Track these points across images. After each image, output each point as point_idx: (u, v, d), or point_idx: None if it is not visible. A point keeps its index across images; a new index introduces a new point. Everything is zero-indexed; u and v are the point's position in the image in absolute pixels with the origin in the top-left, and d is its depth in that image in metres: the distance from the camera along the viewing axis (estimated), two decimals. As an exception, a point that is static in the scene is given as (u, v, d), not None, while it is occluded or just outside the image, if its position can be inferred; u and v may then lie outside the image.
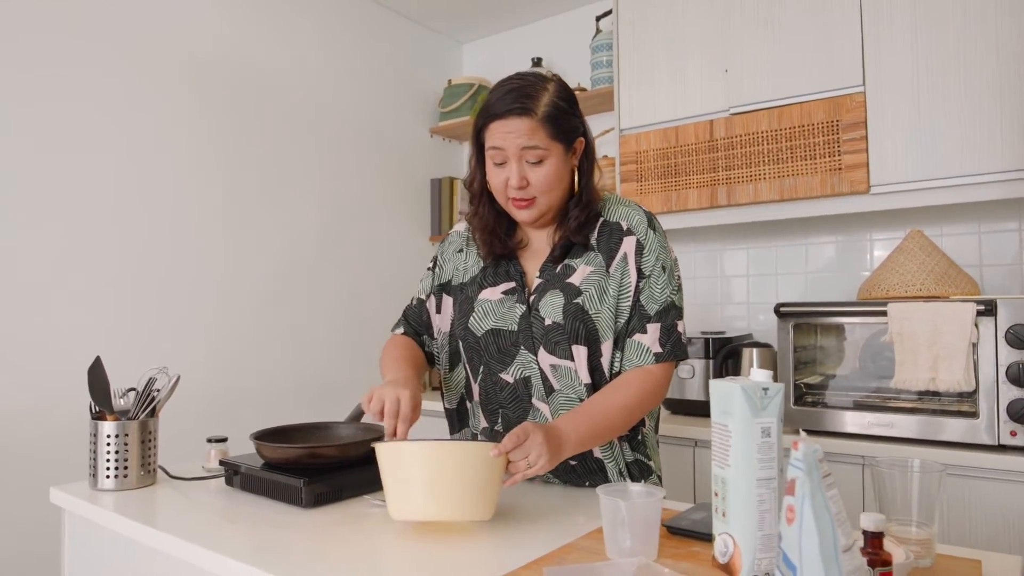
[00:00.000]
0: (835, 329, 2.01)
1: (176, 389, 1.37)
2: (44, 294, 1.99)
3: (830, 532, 0.52)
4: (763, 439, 0.79)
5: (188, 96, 2.32)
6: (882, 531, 0.71)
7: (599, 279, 1.22)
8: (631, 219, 1.25)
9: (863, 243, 2.34)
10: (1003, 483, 1.61)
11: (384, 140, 2.99)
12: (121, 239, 2.15)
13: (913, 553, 0.83)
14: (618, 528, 0.86)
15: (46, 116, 2.00)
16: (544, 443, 1.00)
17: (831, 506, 0.53)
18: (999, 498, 1.62)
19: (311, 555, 0.92)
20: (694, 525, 0.96)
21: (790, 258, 2.47)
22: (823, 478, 0.55)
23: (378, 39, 2.98)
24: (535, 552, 0.90)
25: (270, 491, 1.20)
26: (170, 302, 2.27)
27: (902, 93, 1.95)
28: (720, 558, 0.82)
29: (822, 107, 2.06)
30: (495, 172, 1.20)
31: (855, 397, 1.91)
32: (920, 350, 1.72)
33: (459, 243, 1.38)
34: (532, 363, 1.22)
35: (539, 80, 1.20)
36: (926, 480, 0.87)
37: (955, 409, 1.74)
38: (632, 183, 2.42)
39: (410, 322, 1.40)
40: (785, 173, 2.12)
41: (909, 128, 1.94)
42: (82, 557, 1.28)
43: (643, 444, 1.28)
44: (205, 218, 2.37)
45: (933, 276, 1.84)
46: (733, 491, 0.80)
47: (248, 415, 2.38)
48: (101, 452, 1.28)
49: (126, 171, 2.17)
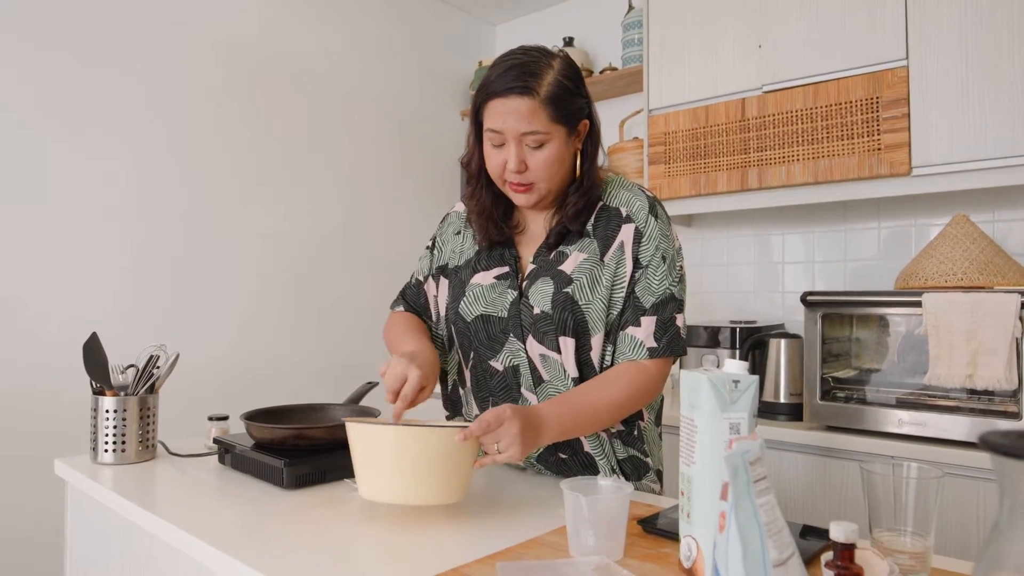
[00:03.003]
0: (870, 321, 1.89)
1: (195, 369, 1.40)
2: (63, 275, 2.05)
3: (758, 544, 0.46)
4: (732, 436, 0.73)
5: (217, 81, 2.35)
6: (853, 543, 0.64)
7: (592, 267, 1.15)
8: (632, 205, 1.18)
9: (908, 229, 2.19)
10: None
11: (413, 123, 2.97)
12: (141, 223, 2.20)
13: (903, 567, 0.75)
14: (580, 525, 0.82)
15: (74, 98, 2.05)
16: (519, 433, 0.96)
17: (762, 515, 0.47)
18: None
19: (282, 539, 0.91)
20: (669, 524, 0.90)
21: (829, 245, 2.34)
22: (754, 483, 0.49)
23: (409, 21, 2.95)
24: (498, 544, 0.87)
25: (257, 471, 1.20)
26: (199, 286, 2.31)
27: (948, 67, 1.81)
28: (685, 562, 0.76)
29: (861, 83, 1.93)
30: (493, 154, 1.14)
31: (888, 393, 1.79)
32: (957, 344, 1.59)
33: (457, 224, 1.33)
34: (520, 351, 1.17)
35: (543, 56, 1.12)
36: (922, 486, 0.79)
37: (997, 409, 1.61)
38: (660, 165, 2.33)
39: (408, 301, 1.36)
40: (820, 154, 2.00)
41: (955, 105, 1.80)
42: (82, 528, 1.31)
43: (640, 439, 1.22)
44: (233, 203, 2.40)
45: (977, 265, 1.70)
46: (698, 491, 0.74)
47: (274, 398, 2.41)
48: (101, 426, 1.30)
49: (155, 156, 2.21)
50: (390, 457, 0.92)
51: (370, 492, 0.95)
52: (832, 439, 1.77)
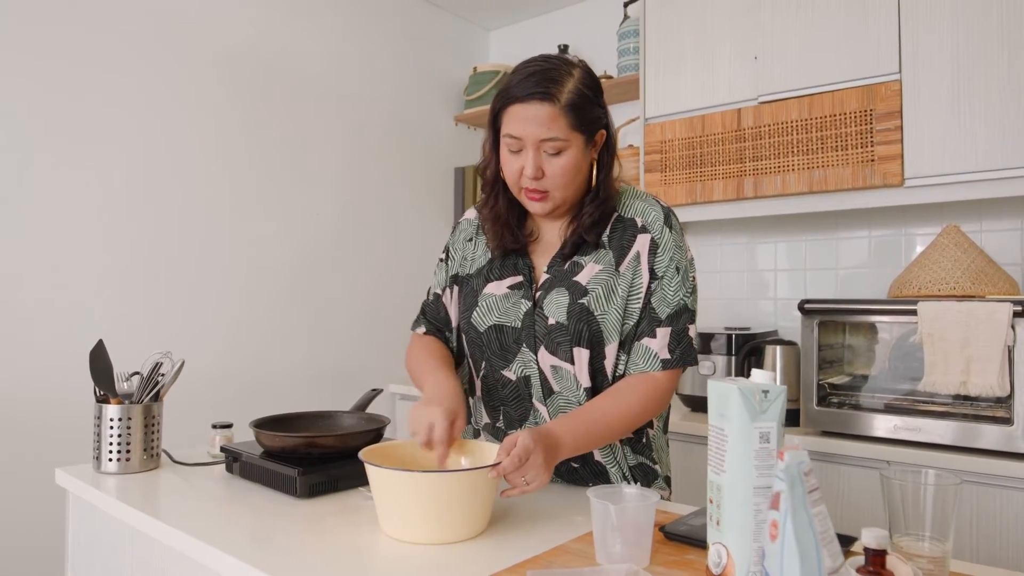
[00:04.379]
0: (863, 328, 1.93)
1: (196, 376, 1.37)
2: (65, 281, 2.02)
3: (813, 553, 0.47)
4: (761, 445, 0.74)
5: (212, 84, 2.33)
6: (885, 548, 0.66)
7: (608, 278, 1.16)
8: (647, 215, 1.19)
9: (898, 239, 2.24)
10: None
11: (408, 128, 2.97)
12: (142, 228, 2.17)
13: (923, 571, 0.77)
14: (608, 533, 0.82)
15: (70, 102, 2.02)
16: (543, 464, 0.97)
17: (816, 524, 0.48)
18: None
19: (300, 548, 0.90)
20: (692, 531, 0.91)
21: (821, 253, 2.38)
22: (808, 493, 0.50)
23: (403, 26, 2.95)
24: (525, 553, 0.87)
25: (267, 480, 1.19)
26: (193, 290, 2.28)
27: (940, 81, 1.85)
28: (713, 568, 0.77)
29: (855, 95, 1.97)
30: (510, 160, 1.14)
31: (882, 399, 1.83)
32: (951, 352, 1.63)
33: (469, 231, 1.32)
34: (532, 362, 1.17)
35: (564, 64, 1.13)
36: (941, 492, 0.81)
37: (989, 415, 1.65)
38: (656, 173, 2.36)
39: (430, 319, 1.33)
40: (815, 164, 2.04)
41: (947, 117, 1.84)
42: (85, 538, 1.29)
43: (648, 447, 1.24)
44: (225, 207, 2.37)
45: (969, 274, 1.75)
46: (728, 499, 0.75)
47: (268, 403, 2.39)
48: (104, 435, 1.29)
49: (151, 159, 2.19)
50: (417, 502, 0.91)
51: (395, 532, 0.94)
52: (828, 444, 1.80)
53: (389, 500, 0.93)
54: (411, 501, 0.91)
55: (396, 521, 0.93)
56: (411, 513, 0.92)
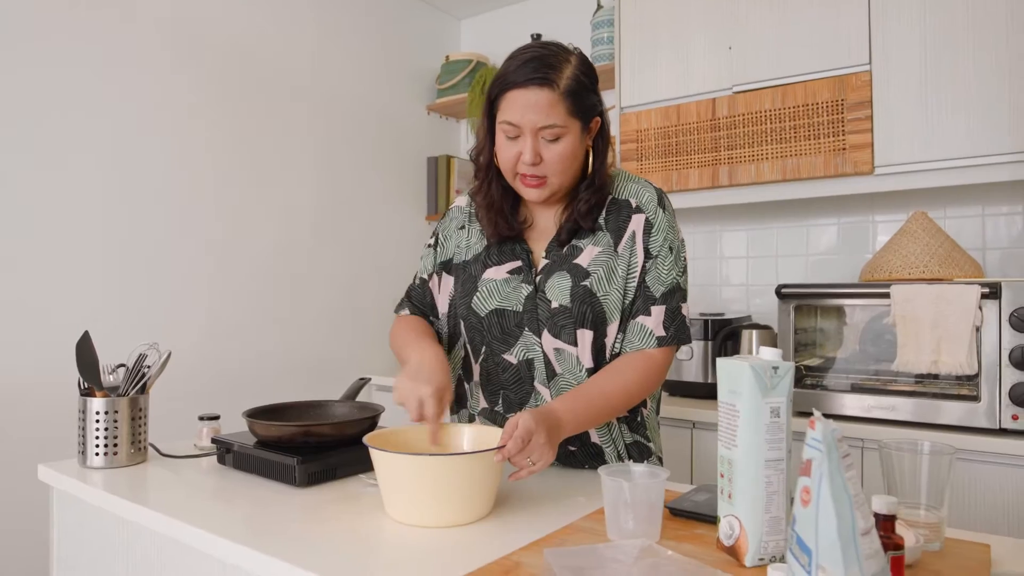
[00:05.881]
0: (836, 311, 1.99)
1: (171, 368, 1.34)
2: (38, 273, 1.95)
3: (848, 514, 0.50)
4: (772, 419, 0.77)
5: (180, 74, 2.27)
6: (894, 514, 0.69)
7: (608, 259, 1.18)
8: (641, 196, 1.21)
9: (866, 225, 2.31)
10: (1004, 467, 1.60)
11: (380, 118, 2.94)
12: (115, 219, 2.11)
13: (923, 537, 0.81)
14: (621, 509, 0.84)
15: (37, 95, 1.95)
16: (546, 443, 0.98)
17: (850, 488, 0.51)
18: (999, 482, 1.61)
19: (306, 534, 0.90)
20: (697, 507, 0.94)
21: (791, 240, 2.45)
22: (842, 459, 0.52)
23: (375, 15, 2.91)
24: (535, 534, 0.88)
25: (263, 469, 1.18)
26: (166, 282, 2.23)
27: (909, 72, 1.92)
28: (725, 540, 0.80)
29: (827, 86, 2.02)
30: (506, 146, 1.14)
31: (855, 380, 1.90)
32: (923, 333, 1.70)
33: (461, 219, 1.32)
34: (536, 345, 1.18)
35: (561, 51, 1.13)
36: (936, 463, 0.85)
37: (956, 392, 1.72)
38: (632, 162, 2.38)
39: (415, 303, 1.33)
40: (788, 153, 2.09)
41: (915, 108, 1.91)
42: (70, 535, 1.26)
43: (643, 425, 1.26)
44: (199, 198, 2.32)
45: (936, 258, 1.82)
46: (740, 472, 0.78)
47: (243, 395, 2.36)
48: (90, 429, 1.25)
49: (119, 151, 2.12)
50: (426, 485, 0.91)
51: (403, 516, 0.94)
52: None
53: (396, 484, 0.94)
54: (419, 484, 0.91)
55: (403, 505, 0.94)
56: (418, 496, 0.92)
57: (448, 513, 0.92)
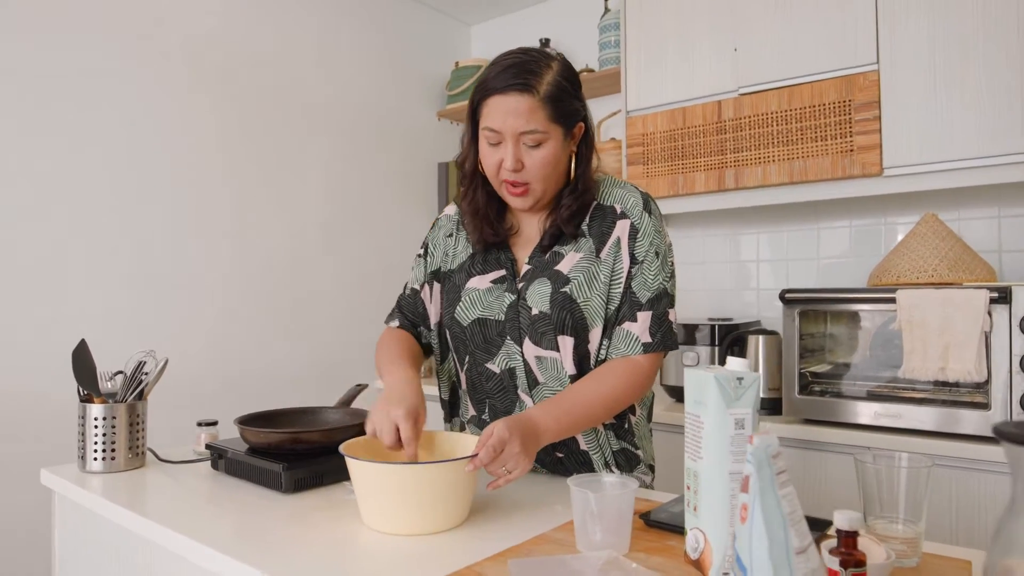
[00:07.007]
0: (844, 317, 1.95)
1: (179, 374, 1.37)
2: (46, 280, 2.00)
3: (781, 534, 0.49)
4: (736, 431, 0.76)
5: (190, 82, 2.31)
6: (856, 530, 0.67)
7: (588, 265, 1.17)
8: (626, 202, 1.20)
9: (879, 228, 2.26)
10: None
11: (390, 124, 2.96)
12: (124, 226, 2.16)
13: (896, 552, 0.79)
14: (588, 520, 0.84)
15: (48, 104, 2.00)
16: (521, 451, 0.97)
17: (784, 505, 0.50)
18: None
19: (283, 542, 0.91)
20: (672, 518, 0.93)
21: (802, 243, 2.41)
22: (776, 475, 0.51)
23: (385, 22, 2.94)
24: (506, 543, 0.88)
25: (253, 476, 1.20)
26: (175, 288, 2.27)
27: (918, 71, 1.87)
28: (691, 554, 0.79)
29: (834, 86, 1.98)
30: (489, 152, 1.15)
31: (862, 387, 1.86)
32: (930, 339, 1.66)
33: (449, 227, 1.33)
34: (517, 354, 1.18)
35: (543, 57, 1.13)
36: (913, 475, 0.83)
37: (967, 400, 1.68)
38: (638, 166, 2.37)
39: (406, 314, 1.34)
40: (795, 155, 2.05)
41: (925, 108, 1.86)
42: (71, 538, 1.29)
43: (631, 433, 1.25)
44: (209, 205, 2.36)
45: (947, 262, 1.77)
46: (705, 485, 0.77)
47: (251, 401, 2.39)
48: (89, 434, 1.28)
49: (131, 158, 2.17)
50: (397, 494, 0.91)
51: (376, 524, 0.95)
52: (810, 431, 1.82)
53: (369, 492, 0.94)
54: (390, 493, 0.92)
55: (376, 513, 0.94)
56: (391, 505, 0.92)
57: (420, 521, 0.93)
